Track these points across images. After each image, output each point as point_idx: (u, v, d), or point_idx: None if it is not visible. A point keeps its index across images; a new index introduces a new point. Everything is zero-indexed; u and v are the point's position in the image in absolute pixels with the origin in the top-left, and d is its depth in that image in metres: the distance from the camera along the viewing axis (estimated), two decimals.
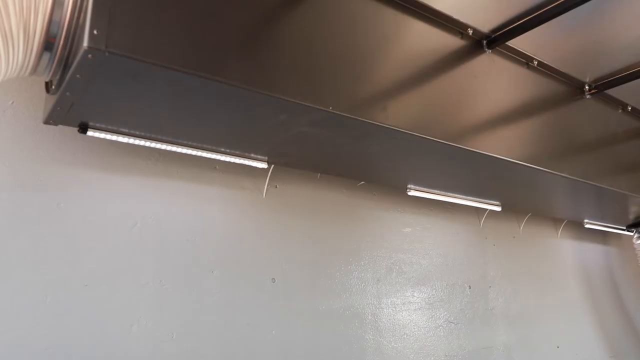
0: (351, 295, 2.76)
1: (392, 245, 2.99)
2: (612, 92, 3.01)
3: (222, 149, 2.20)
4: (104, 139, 1.98)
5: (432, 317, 3.08)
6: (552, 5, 2.19)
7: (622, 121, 3.18)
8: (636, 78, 2.79)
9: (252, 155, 2.30)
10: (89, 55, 1.35)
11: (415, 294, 3.03)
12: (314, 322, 2.60)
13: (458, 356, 3.14)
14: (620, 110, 3.17)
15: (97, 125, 1.88)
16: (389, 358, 2.82)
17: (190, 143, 2.12)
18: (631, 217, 3.88)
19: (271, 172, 2.54)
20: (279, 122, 1.89)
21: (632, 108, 3.22)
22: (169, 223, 2.24)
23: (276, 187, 2.60)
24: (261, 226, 2.52)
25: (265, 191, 2.55)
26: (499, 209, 3.23)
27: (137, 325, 2.07)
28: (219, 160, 2.30)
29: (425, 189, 2.84)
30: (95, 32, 1.33)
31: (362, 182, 2.89)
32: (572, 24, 2.41)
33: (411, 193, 2.79)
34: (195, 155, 2.17)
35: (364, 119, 1.87)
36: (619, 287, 4.64)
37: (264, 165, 2.36)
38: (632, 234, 4.16)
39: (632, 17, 2.39)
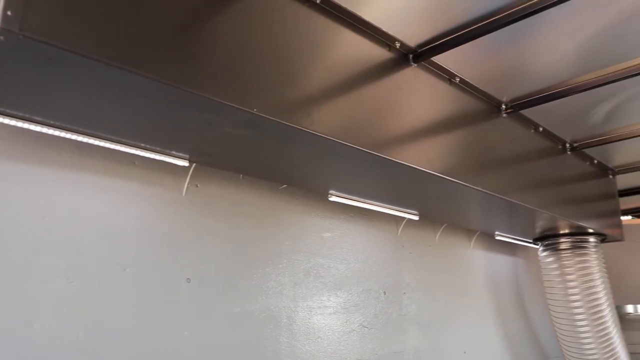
0: (267, 297, 2.75)
1: (311, 249, 3.01)
2: (527, 112, 3.18)
3: (142, 144, 2.14)
4: (15, 127, 1.88)
5: (346, 322, 3.13)
6: (476, 26, 2.28)
7: (534, 141, 3.36)
8: (548, 101, 2.97)
9: (174, 152, 2.25)
10: (1, 37, 1.27)
11: (331, 298, 3.06)
12: (229, 323, 2.57)
13: None
14: (532, 130, 3.35)
15: (7, 111, 1.78)
16: None
17: (108, 136, 2.05)
18: (538, 231, 4.09)
19: (192, 171, 2.50)
20: (202, 121, 1.87)
21: (544, 129, 3.41)
22: (81, 217, 2.15)
23: (197, 186, 2.55)
24: (179, 225, 2.47)
25: (185, 190, 2.50)
26: (416, 218, 3.33)
27: (39, 323, 1.97)
28: (138, 156, 2.24)
29: (346, 195, 2.88)
30: (9, 13, 1.26)
31: (285, 186, 2.90)
32: (494, 46, 2.52)
33: (332, 199, 2.82)
34: (113, 149, 2.10)
35: (288, 123, 1.88)
36: (523, 297, 4.89)
37: (185, 164, 2.31)
38: (537, 247, 4.39)
39: (547, 44, 2.53)
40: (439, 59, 2.56)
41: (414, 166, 2.35)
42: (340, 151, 2.15)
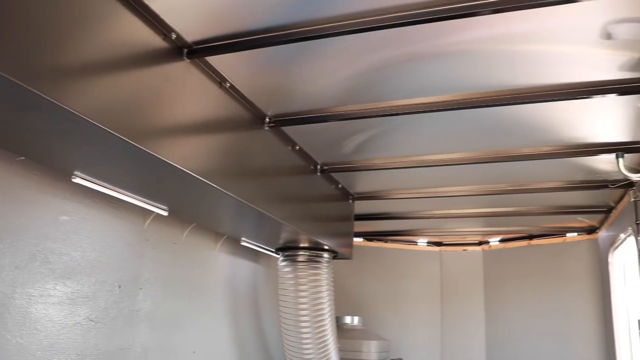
0: None
1: (43, 231, 2.74)
2: (287, 129, 3.37)
3: None
4: None
5: (71, 314, 2.91)
6: (254, 37, 2.36)
7: (289, 157, 3.58)
8: (308, 123, 3.20)
9: None
10: None
11: (57, 287, 2.82)
12: None
13: (91, 356, 3.01)
14: (290, 147, 3.57)
15: None
16: (9, 355, 2.55)
17: None
18: (281, 241, 4.33)
19: None
20: None
21: (300, 148, 3.66)
22: None
23: None
24: None
25: None
26: (165, 213, 3.27)
27: None
28: None
29: (93, 179, 2.69)
30: None
31: (23, 158, 2.59)
32: (270, 61, 2.63)
33: (76, 180, 2.62)
34: None
35: (35, 90, 1.70)
36: (259, 303, 5.13)
37: None
38: (278, 256, 4.65)
39: (318, 72, 2.74)
40: (213, 60, 2.58)
41: (167, 160, 2.30)
42: (92, 132, 2.02)
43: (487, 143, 3.60)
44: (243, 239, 4.32)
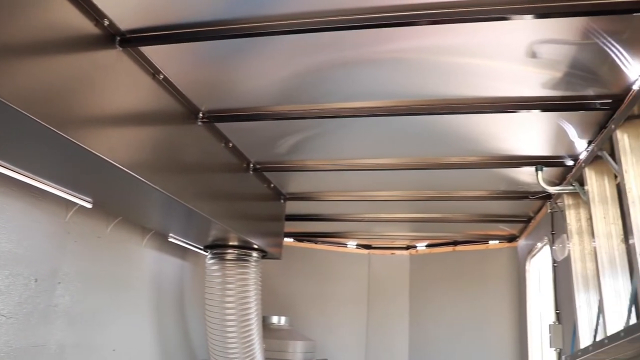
0: None
1: None
2: (221, 126, 3.33)
3: None
4: None
5: None
6: (192, 30, 2.32)
7: (222, 154, 3.54)
8: (240, 121, 3.18)
9: None
10: None
11: None
12: None
13: (1, 353, 2.86)
14: (223, 144, 3.53)
15: None
16: None
17: None
18: (210, 239, 4.27)
19: None
20: None
21: (234, 146, 3.62)
22: None
23: None
24: None
25: None
26: (89, 205, 3.15)
27: None
28: None
29: (11, 167, 2.55)
30: None
31: None
32: (208, 56, 2.60)
33: None
34: None
35: None
36: (184, 301, 5.03)
37: None
38: (207, 254, 4.58)
39: (256, 71, 2.72)
40: (148, 50, 2.51)
41: (93, 151, 2.22)
42: (12, 117, 1.91)
43: (417, 150, 3.69)
44: (171, 235, 4.22)
